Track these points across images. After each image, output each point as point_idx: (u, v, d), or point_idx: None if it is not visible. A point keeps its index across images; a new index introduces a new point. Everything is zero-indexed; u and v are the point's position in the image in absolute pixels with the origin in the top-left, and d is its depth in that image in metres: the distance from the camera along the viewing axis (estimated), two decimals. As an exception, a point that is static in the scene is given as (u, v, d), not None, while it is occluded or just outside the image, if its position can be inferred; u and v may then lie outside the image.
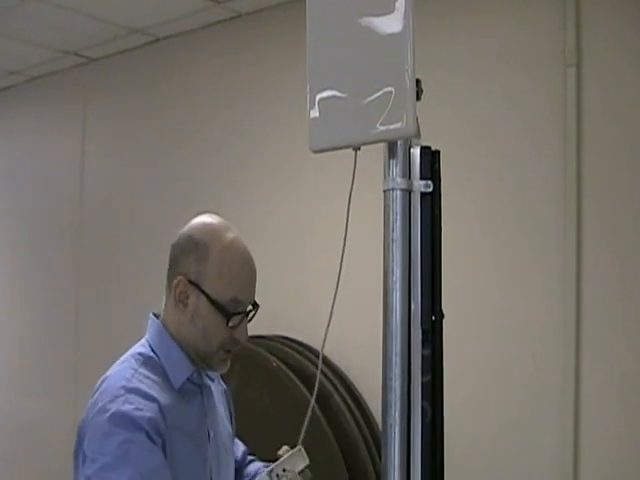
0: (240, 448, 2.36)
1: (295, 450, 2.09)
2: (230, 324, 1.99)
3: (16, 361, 6.09)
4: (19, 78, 6.00)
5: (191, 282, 1.99)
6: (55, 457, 5.28)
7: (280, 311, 4.20)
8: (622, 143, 3.24)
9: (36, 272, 5.95)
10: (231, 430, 2.25)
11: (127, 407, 1.85)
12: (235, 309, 2.00)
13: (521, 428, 3.40)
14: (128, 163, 5.34)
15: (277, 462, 2.08)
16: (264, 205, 4.47)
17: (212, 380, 2.13)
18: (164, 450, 1.88)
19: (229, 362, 2.09)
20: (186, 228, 2.06)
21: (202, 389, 2.08)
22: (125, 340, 2.12)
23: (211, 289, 1.98)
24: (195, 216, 2.09)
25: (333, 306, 1.72)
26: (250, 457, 2.36)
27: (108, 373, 2.00)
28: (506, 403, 3.45)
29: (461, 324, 3.23)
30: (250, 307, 2.05)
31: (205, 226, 2.05)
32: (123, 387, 1.90)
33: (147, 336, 2.08)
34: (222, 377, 2.29)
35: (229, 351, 2.05)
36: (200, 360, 2.04)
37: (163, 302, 2.08)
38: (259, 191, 4.49)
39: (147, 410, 1.86)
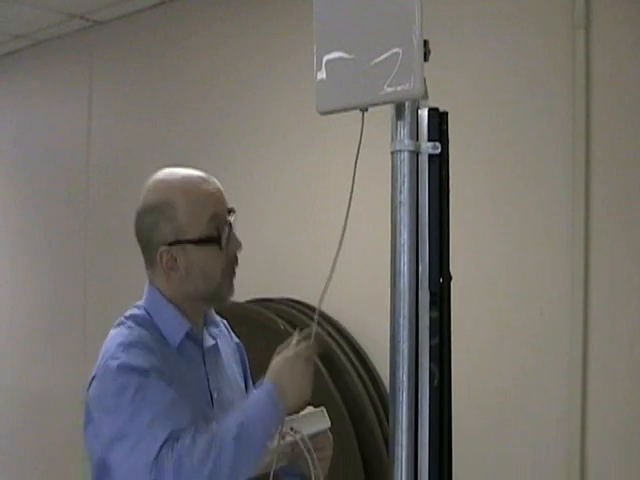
0: None
1: (312, 411, 2.03)
2: (223, 245, 1.98)
3: (25, 331, 6.08)
4: (25, 42, 5.96)
5: (171, 244, 1.98)
6: (63, 430, 5.34)
7: (287, 273, 4.22)
8: (631, 103, 3.22)
9: (44, 236, 5.94)
10: (244, 386, 2.22)
11: (130, 359, 1.86)
12: (218, 228, 1.99)
13: (529, 386, 3.41)
14: (135, 126, 5.32)
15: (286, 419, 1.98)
16: (272, 167, 4.46)
17: (214, 338, 2.11)
18: None
19: (234, 285, 2.07)
20: (140, 204, 2.08)
21: (204, 350, 2.06)
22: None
23: (190, 230, 1.97)
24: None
25: (335, 262, 1.71)
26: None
27: (105, 340, 2.00)
28: (514, 362, 3.46)
29: (469, 286, 3.23)
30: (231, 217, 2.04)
31: (155, 187, 2.09)
32: (121, 344, 1.91)
33: (142, 300, 2.08)
34: (233, 331, 2.28)
35: (232, 272, 2.04)
36: (209, 300, 2.05)
37: (146, 286, 2.07)
38: (267, 152, 4.48)
39: (149, 359, 1.87)
